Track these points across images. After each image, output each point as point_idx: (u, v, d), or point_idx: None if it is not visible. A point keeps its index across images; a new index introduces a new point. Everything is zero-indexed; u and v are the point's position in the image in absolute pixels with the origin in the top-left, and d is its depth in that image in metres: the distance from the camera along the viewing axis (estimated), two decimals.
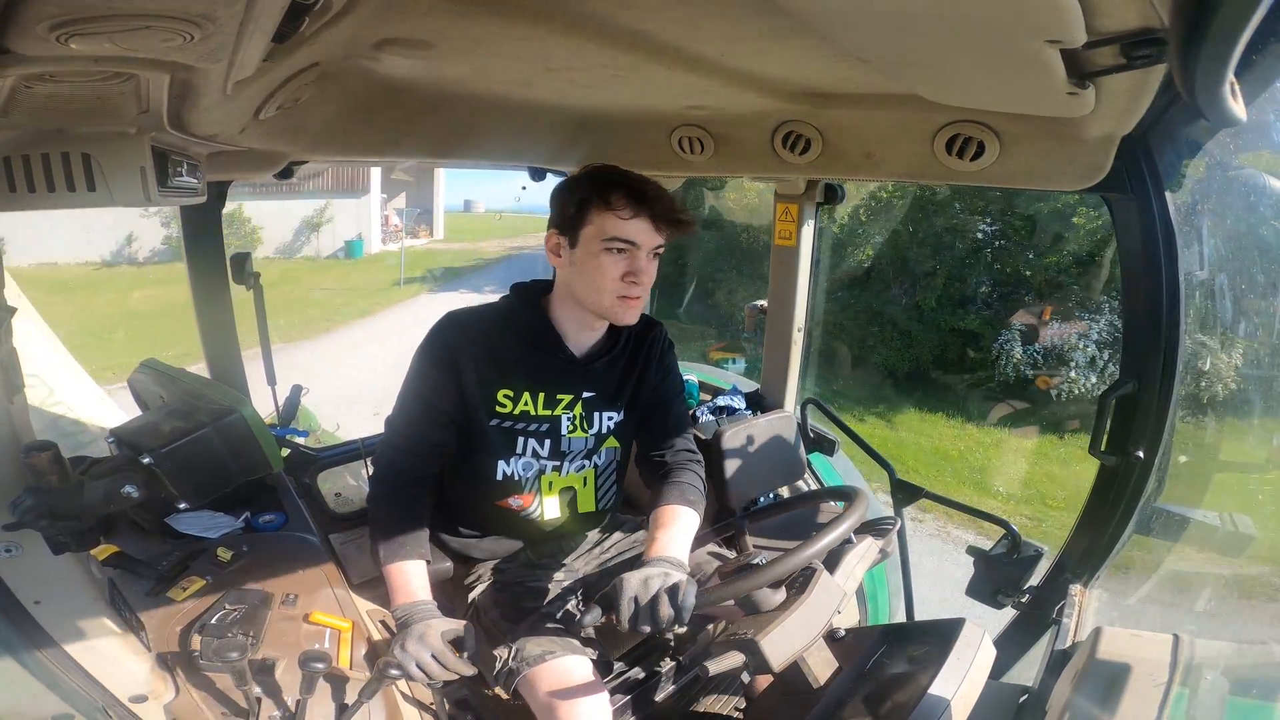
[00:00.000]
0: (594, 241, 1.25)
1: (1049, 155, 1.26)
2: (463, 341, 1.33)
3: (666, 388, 1.51)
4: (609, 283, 1.26)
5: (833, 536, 1.10)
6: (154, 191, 0.91)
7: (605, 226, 1.24)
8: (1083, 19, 0.70)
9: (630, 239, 1.25)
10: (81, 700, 1.00)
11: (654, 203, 1.25)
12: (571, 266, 1.30)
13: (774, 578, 1.07)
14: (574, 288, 1.32)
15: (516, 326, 1.37)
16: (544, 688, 1.20)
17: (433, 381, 1.33)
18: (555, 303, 1.38)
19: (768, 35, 1.00)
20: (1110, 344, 6.69)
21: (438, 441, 1.36)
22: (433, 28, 1.01)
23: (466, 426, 1.36)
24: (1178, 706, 0.92)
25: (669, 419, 1.50)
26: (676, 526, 1.32)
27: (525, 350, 1.36)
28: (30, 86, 0.71)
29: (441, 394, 1.33)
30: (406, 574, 1.27)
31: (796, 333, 2.13)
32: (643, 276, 1.27)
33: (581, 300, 1.32)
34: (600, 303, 1.30)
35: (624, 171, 1.29)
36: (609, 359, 1.42)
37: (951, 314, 7.73)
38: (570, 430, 1.40)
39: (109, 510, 1.01)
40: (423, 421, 1.35)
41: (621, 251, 1.26)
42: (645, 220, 1.25)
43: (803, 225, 1.99)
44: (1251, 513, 1.42)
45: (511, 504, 1.42)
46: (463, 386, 1.32)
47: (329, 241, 17.66)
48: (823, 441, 2.17)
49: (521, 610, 1.34)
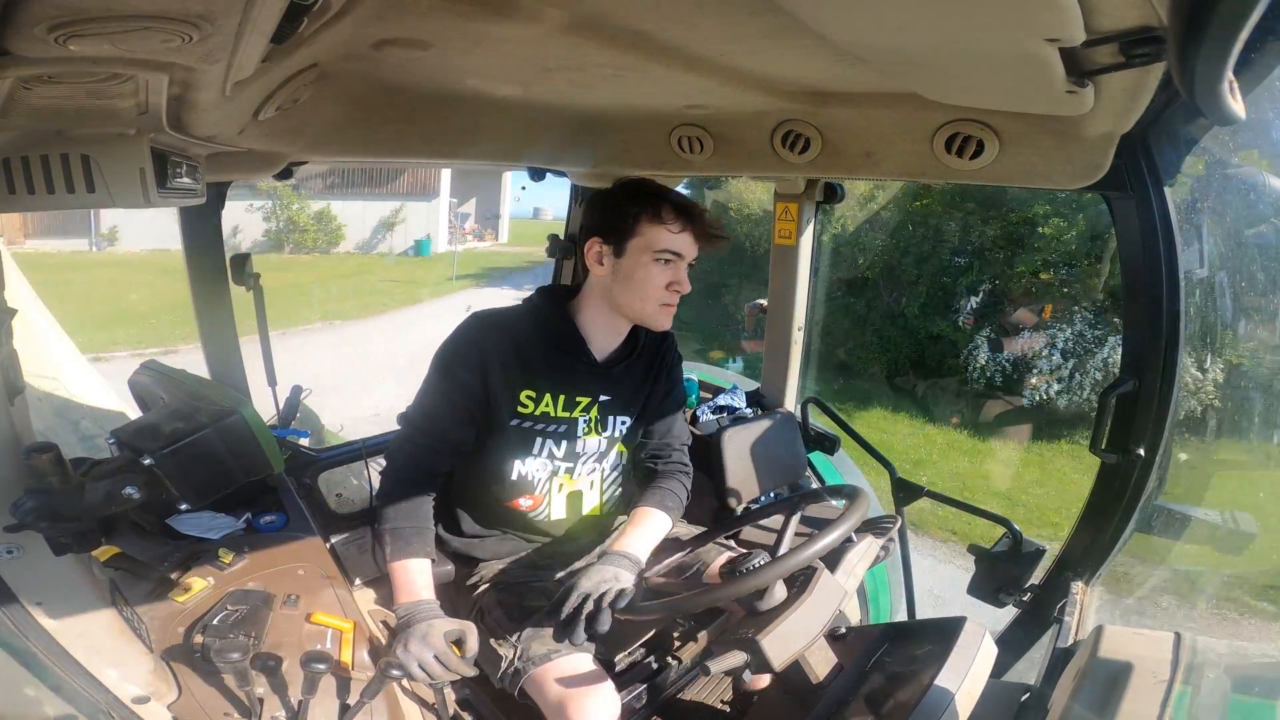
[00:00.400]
0: (644, 253, 1.32)
1: (1048, 154, 1.26)
2: (490, 341, 1.36)
3: (671, 399, 1.56)
4: (655, 291, 1.33)
5: (833, 537, 1.10)
6: (153, 193, 0.91)
7: (656, 239, 1.31)
8: (1081, 17, 0.70)
9: (678, 251, 1.32)
10: (84, 701, 1.00)
11: (698, 219, 1.34)
12: (615, 274, 1.35)
13: (772, 578, 1.07)
14: (615, 294, 1.36)
15: (542, 329, 1.40)
16: (551, 687, 1.21)
17: (458, 379, 1.35)
18: (583, 307, 1.42)
19: (767, 34, 1.00)
20: (1076, 353, 6.63)
21: (457, 439, 1.39)
22: (432, 28, 1.01)
23: (487, 425, 1.38)
24: (1180, 705, 0.92)
25: (670, 430, 1.57)
26: (645, 527, 1.40)
27: (549, 352, 1.39)
28: (29, 88, 0.71)
29: (466, 392, 1.35)
30: (411, 572, 1.28)
31: (797, 331, 2.13)
32: (684, 286, 1.35)
33: (622, 306, 1.37)
34: (644, 309, 1.35)
35: (665, 186, 1.37)
36: (627, 364, 1.46)
37: (930, 320, 7.82)
38: (585, 432, 1.43)
39: (110, 511, 1.01)
40: (446, 418, 1.37)
41: (669, 263, 1.33)
42: (690, 234, 1.33)
43: (803, 224, 1.99)
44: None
45: (521, 504, 1.44)
46: (488, 385, 1.35)
47: (401, 240, 18.98)
48: (824, 440, 2.17)
49: (526, 610, 1.35)
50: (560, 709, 1.18)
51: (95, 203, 0.89)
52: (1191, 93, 0.43)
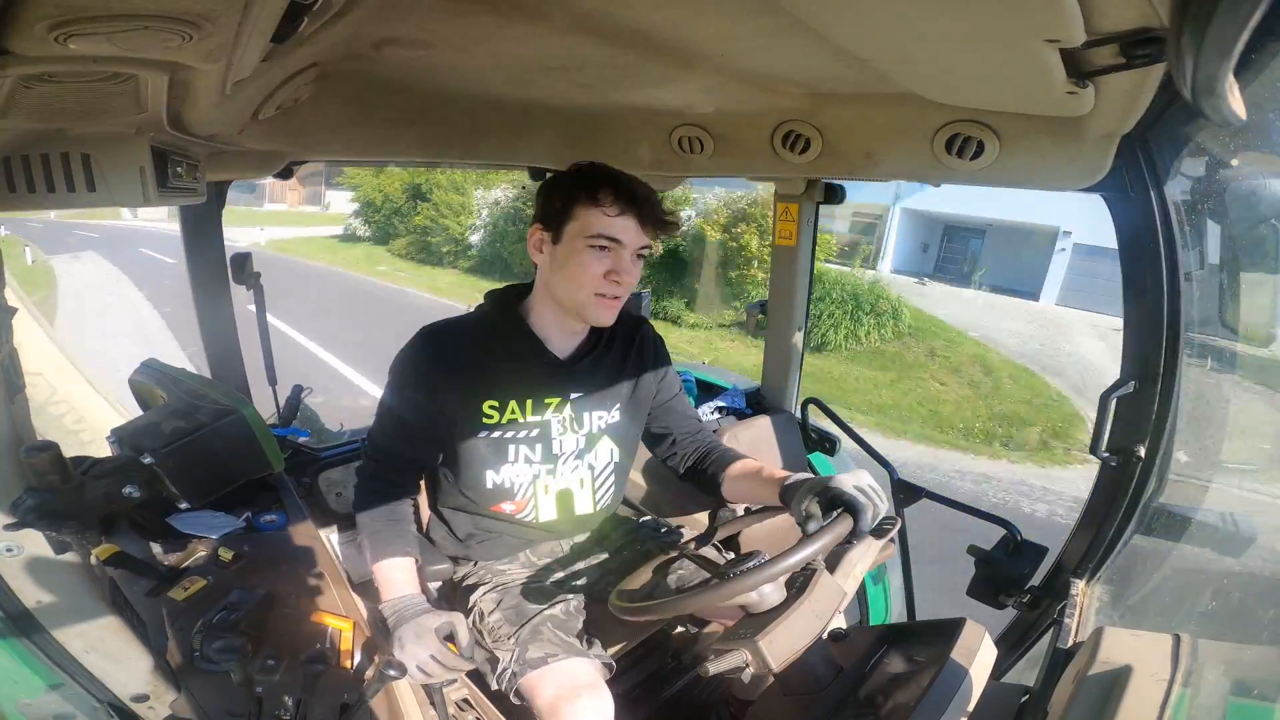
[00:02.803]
0: (577, 238, 1.22)
1: (1049, 154, 1.26)
2: (440, 357, 1.30)
3: (669, 385, 1.52)
4: (589, 280, 1.23)
5: (814, 548, 1.09)
6: (153, 192, 0.91)
7: (590, 223, 1.21)
8: (1081, 18, 0.70)
9: (615, 236, 1.22)
10: (83, 700, 1.00)
11: (642, 202, 1.23)
12: (553, 263, 1.27)
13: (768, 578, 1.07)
14: (553, 285, 1.29)
15: (494, 335, 1.34)
16: (547, 690, 1.20)
17: (408, 400, 1.31)
18: (535, 305, 1.35)
19: (767, 34, 1.00)
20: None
21: (413, 458, 1.36)
22: (431, 28, 1.01)
23: (451, 441, 1.35)
24: (1179, 707, 0.92)
25: (685, 411, 1.55)
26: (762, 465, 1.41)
27: (507, 359, 1.33)
28: (30, 87, 0.71)
29: (417, 411, 1.31)
30: (392, 569, 1.28)
31: (797, 332, 2.13)
32: (624, 276, 1.24)
33: (560, 298, 1.29)
34: (577, 300, 1.26)
35: (613, 169, 1.26)
36: (593, 358, 1.40)
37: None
38: (561, 432, 1.39)
39: (110, 510, 1.01)
40: (398, 439, 1.34)
41: (605, 249, 1.22)
42: (631, 219, 1.22)
43: (803, 225, 1.99)
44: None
45: (504, 508, 1.41)
46: (441, 404, 1.30)
47: None
48: (824, 441, 2.17)
49: (522, 612, 1.34)
50: (554, 712, 1.17)
51: (95, 202, 0.89)
52: (1192, 93, 0.43)
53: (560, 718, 1.17)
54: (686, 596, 1.08)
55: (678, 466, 1.55)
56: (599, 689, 1.22)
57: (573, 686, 1.20)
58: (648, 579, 1.31)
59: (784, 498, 1.25)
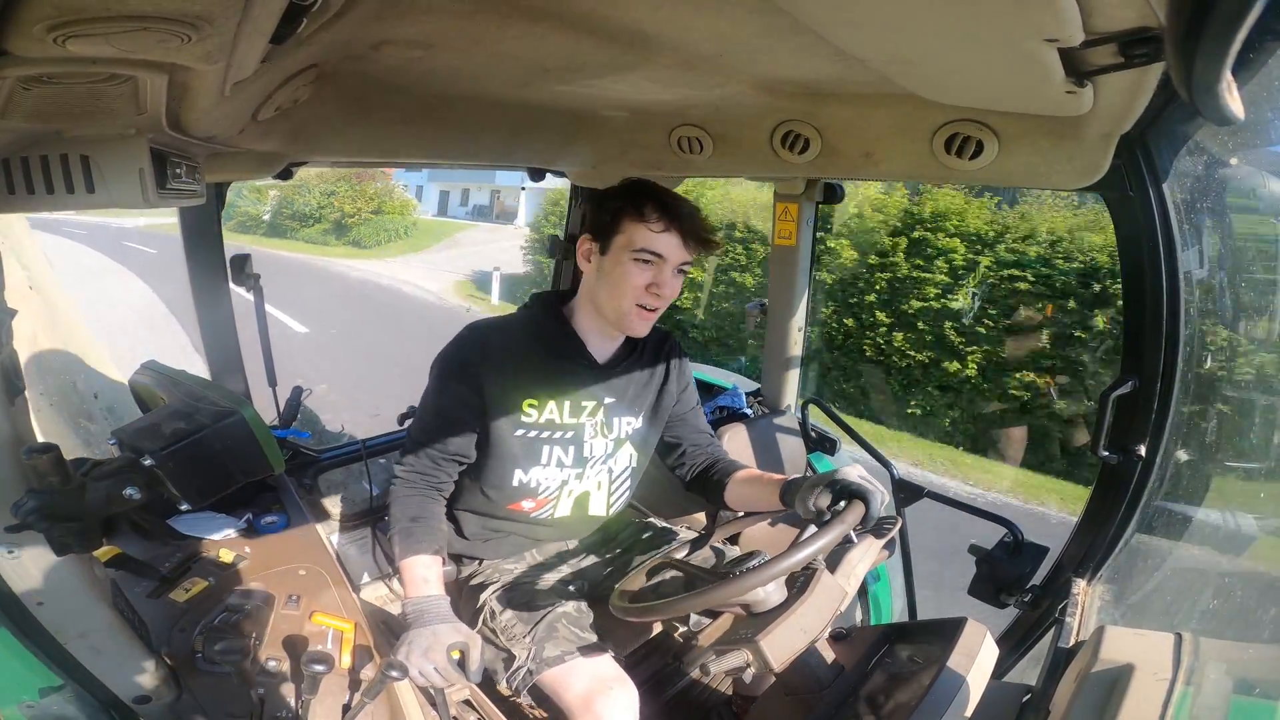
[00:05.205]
0: (623, 251, 1.30)
1: (1048, 154, 1.26)
2: (485, 353, 1.35)
3: (688, 398, 1.58)
4: (631, 291, 1.30)
5: (830, 537, 1.09)
6: (152, 193, 0.91)
7: (636, 237, 1.28)
8: (1080, 18, 0.70)
9: (658, 251, 1.29)
10: (85, 701, 1.00)
11: (686, 219, 1.29)
12: (599, 273, 1.34)
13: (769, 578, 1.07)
14: (597, 294, 1.35)
15: (539, 336, 1.39)
16: (576, 685, 1.22)
17: (453, 392, 1.34)
18: (577, 310, 1.41)
19: (767, 34, 1.00)
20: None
21: (455, 452, 1.38)
22: (431, 28, 1.01)
23: (488, 436, 1.37)
24: (1181, 706, 0.92)
25: (699, 425, 1.59)
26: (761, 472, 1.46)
27: (549, 359, 1.38)
28: (28, 88, 0.71)
29: (462, 404, 1.34)
30: (419, 567, 1.29)
31: (797, 332, 2.13)
32: (665, 290, 1.31)
33: (601, 306, 1.35)
34: (619, 309, 1.32)
35: (659, 186, 1.33)
36: (628, 363, 1.45)
37: None
38: (592, 436, 1.43)
39: (111, 512, 1.01)
40: (442, 432, 1.36)
41: (648, 263, 1.29)
42: (675, 235, 1.29)
43: (802, 225, 1.99)
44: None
45: (523, 505, 1.43)
46: (485, 398, 1.34)
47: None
48: (824, 441, 2.17)
49: (535, 610, 1.35)
50: (585, 707, 1.20)
51: (95, 203, 0.89)
52: (1190, 93, 0.43)
53: (594, 710, 1.19)
54: (689, 597, 1.08)
55: (684, 475, 1.58)
56: (626, 682, 1.25)
57: (602, 679, 1.23)
58: (648, 580, 1.31)
59: (784, 498, 1.26)
